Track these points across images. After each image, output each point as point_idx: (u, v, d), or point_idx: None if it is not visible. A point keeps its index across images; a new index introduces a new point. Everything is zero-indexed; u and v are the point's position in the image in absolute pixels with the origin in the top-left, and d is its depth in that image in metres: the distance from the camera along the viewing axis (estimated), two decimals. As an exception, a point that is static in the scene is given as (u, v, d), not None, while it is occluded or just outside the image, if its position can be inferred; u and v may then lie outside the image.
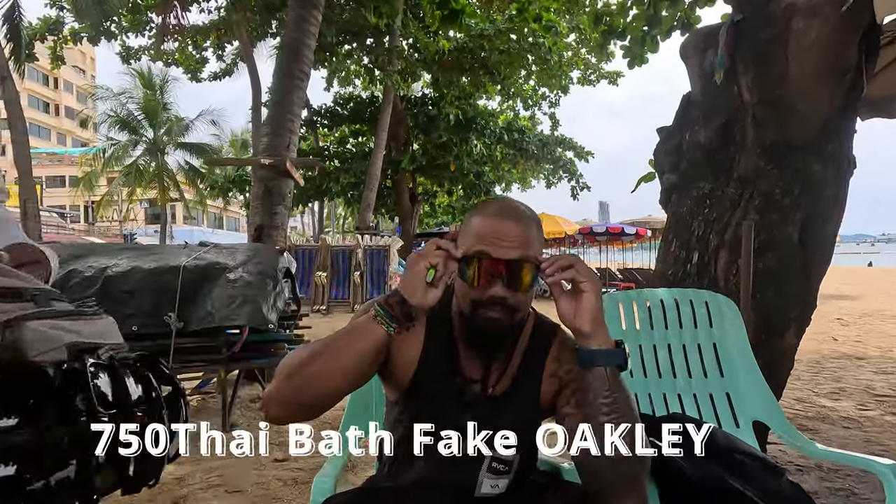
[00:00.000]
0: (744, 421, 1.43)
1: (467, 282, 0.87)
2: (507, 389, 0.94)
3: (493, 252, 0.84)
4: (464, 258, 0.85)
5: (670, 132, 2.54)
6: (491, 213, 0.89)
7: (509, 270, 0.84)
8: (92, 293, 2.74)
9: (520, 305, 0.87)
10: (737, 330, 1.53)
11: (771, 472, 1.04)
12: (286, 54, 4.25)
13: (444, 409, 0.91)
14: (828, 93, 1.98)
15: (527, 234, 0.86)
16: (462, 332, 0.93)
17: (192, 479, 2.26)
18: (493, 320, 0.86)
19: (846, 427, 2.90)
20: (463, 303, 0.90)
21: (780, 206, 2.07)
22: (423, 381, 0.92)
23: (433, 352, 0.93)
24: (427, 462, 0.92)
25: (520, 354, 0.95)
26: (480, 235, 0.86)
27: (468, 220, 0.92)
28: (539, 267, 0.85)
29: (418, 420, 0.91)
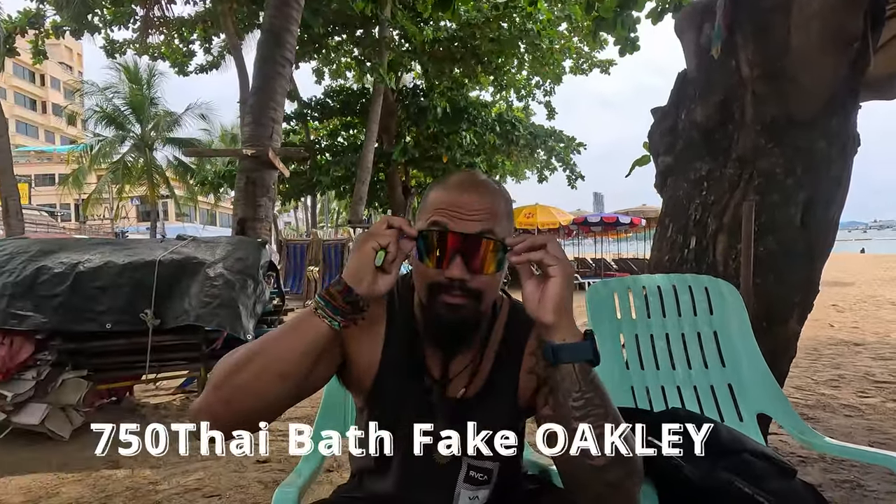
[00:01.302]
0: (748, 414, 1.33)
1: (423, 262, 0.75)
2: (481, 390, 0.82)
3: (451, 226, 0.73)
4: (420, 235, 0.74)
5: (665, 112, 2.43)
6: (451, 183, 0.79)
7: (470, 247, 0.72)
8: (62, 290, 2.61)
9: (484, 289, 0.75)
10: (739, 317, 1.43)
11: (781, 472, 0.94)
12: (267, 40, 4.09)
13: (408, 414, 0.80)
14: (832, 64, 1.87)
15: (492, 207, 0.75)
16: (424, 324, 0.82)
17: (169, 483, 2.15)
18: (453, 307, 0.74)
19: (847, 415, 2.83)
20: (420, 288, 0.78)
21: (781, 187, 1.96)
22: (385, 384, 0.82)
23: (395, 350, 0.82)
24: (396, 473, 0.82)
25: (494, 350, 0.84)
26: (438, 208, 0.75)
27: (426, 193, 0.81)
28: (506, 246, 0.74)
29: (382, 427, 0.81)
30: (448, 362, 0.82)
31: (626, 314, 1.48)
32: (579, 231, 15.35)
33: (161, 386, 3.71)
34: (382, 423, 0.82)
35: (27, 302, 2.59)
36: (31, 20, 10.66)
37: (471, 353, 0.83)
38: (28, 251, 2.77)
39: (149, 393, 3.58)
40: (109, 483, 2.16)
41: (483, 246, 0.73)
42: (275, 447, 2.47)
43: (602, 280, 1.50)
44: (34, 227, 19.58)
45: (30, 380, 2.55)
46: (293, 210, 34.59)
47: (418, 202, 20.12)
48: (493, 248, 0.73)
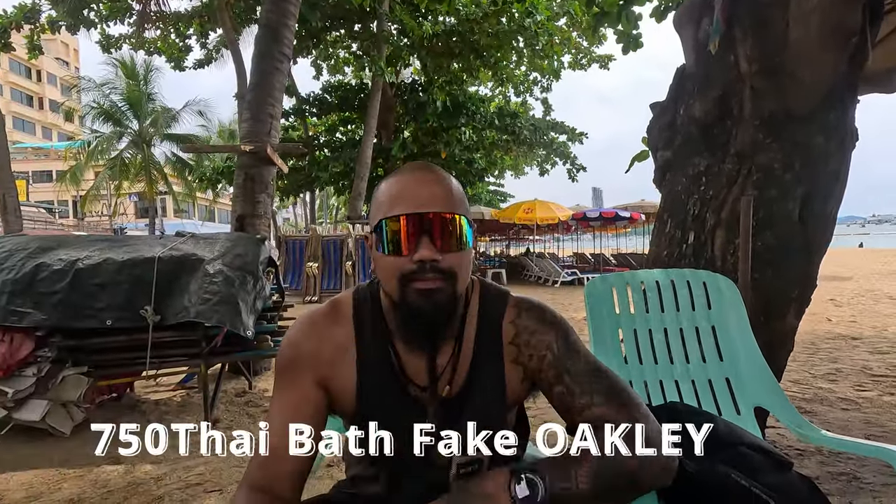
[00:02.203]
0: (745, 408, 1.34)
1: (388, 252, 0.72)
2: (462, 388, 0.80)
3: (411, 209, 0.72)
4: (378, 227, 0.74)
5: (664, 107, 2.43)
6: (402, 172, 0.78)
7: (434, 225, 0.71)
8: (61, 287, 2.61)
9: (457, 268, 0.73)
10: (737, 312, 1.44)
11: (778, 465, 0.95)
12: (264, 35, 4.07)
13: (397, 427, 0.78)
14: (831, 59, 1.87)
15: (448, 188, 0.75)
16: (398, 325, 0.78)
17: (170, 478, 2.16)
18: (428, 292, 0.71)
19: (844, 409, 2.84)
20: (390, 284, 0.74)
21: (779, 182, 1.97)
22: (368, 403, 0.79)
23: (371, 366, 0.79)
24: (388, 481, 0.82)
25: (470, 341, 0.81)
26: (393, 196, 0.74)
27: (376, 191, 0.79)
28: (470, 222, 0.75)
29: (369, 443, 0.79)
30: (432, 364, 0.79)
31: (625, 309, 1.48)
32: (578, 226, 15.36)
33: (161, 382, 3.73)
34: (372, 436, 0.80)
35: (27, 299, 2.59)
36: (27, 15, 10.58)
37: (449, 348, 0.80)
38: (27, 248, 2.77)
39: (149, 389, 3.59)
40: (111, 478, 2.18)
41: (447, 221, 0.72)
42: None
43: (601, 275, 1.51)
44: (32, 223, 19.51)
45: (30, 376, 2.56)
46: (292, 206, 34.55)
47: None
48: (458, 223, 0.73)
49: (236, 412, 3.11)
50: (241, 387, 3.62)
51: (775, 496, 0.87)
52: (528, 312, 0.82)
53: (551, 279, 12.26)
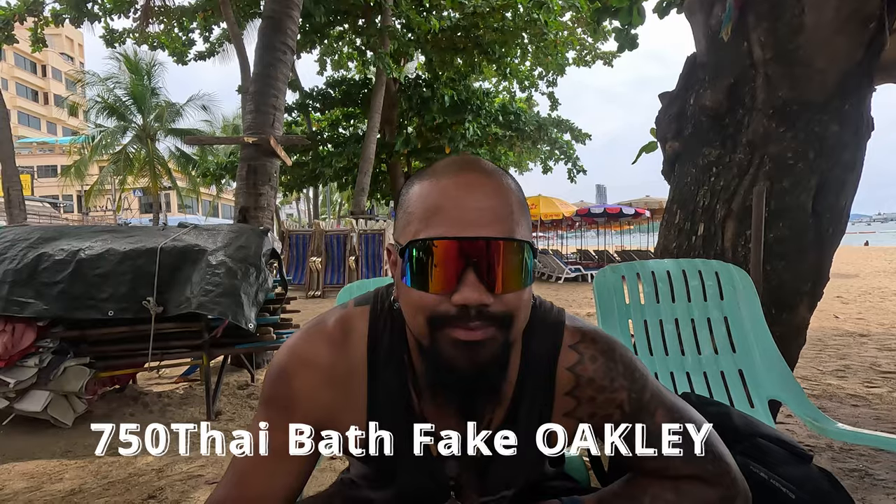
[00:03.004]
0: (759, 400, 1.31)
1: (417, 285, 0.55)
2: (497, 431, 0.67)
3: (454, 231, 0.53)
4: (408, 249, 0.55)
5: (673, 97, 2.38)
6: (443, 171, 0.58)
7: (486, 256, 0.53)
8: (63, 277, 2.59)
9: (514, 312, 0.56)
10: (750, 302, 1.40)
11: (797, 457, 0.92)
12: (267, 26, 4.04)
13: (411, 477, 0.67)
14: (847, 45, 1.82)
15: (508, 201, 0.56)
16: (426, 376, 0.62)
17: (172, 470, 2.14)
18: (472, 346, 0.54)
19: (854, 405, 2.80)
20: (417, 325, 0.57)
21: (792, 172, 1.93)
22: (376, 454, 0.65)
23: (384, 415, 0.64)
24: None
25: (511, 384, 0.65)
26: (429, 208, 0.55)
27: (407, 192, 0.60)
28: (534, 250, 0.58)
29: (375, 480, 0.71)
30: (469, 418, 0.63)
31: (635, 299, 1.45)
32: (582, 223, 15.30)
33: (164, 374, 3.72)
34: (377, 476, 0.70)
35: (28, 289, 2.57)
36: (30, 7, 10.57)
37: (493, 400, 0.64)
38: (28, 238, 2.75)
39: (152, 381, 3.58)
40: (112, 469, 2.16)
41: (504, 251, 0.54)
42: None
43: (611, 265, 1.47)
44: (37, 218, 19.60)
45: (32, 367, 2.54)
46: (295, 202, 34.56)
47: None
48: (520, 254, 0.55)
49: (238, 405, 3.10)
50: (243, 379, 3.61)
51: (794, 489, 0.84)
52: (595, 358, 0.65)
53: (555, 276, 12.21)
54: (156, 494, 1.92)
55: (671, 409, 0.69)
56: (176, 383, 3.54)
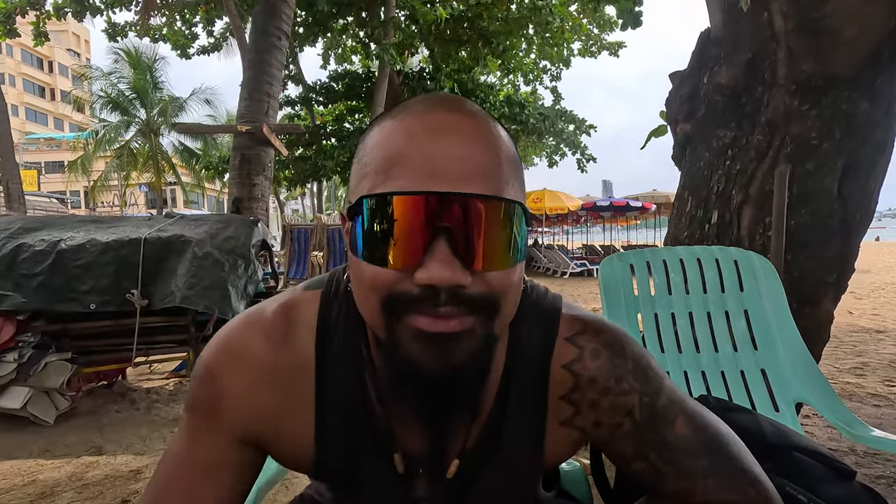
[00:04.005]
0: (784, 404, 1.16)
1: (370, 259, 0.41)
2: (479, 450, 0.52)
3: (421, 185, 0.39)
4: (359, 209, 0.42)
5: (685, 76, 2.22)
6: (414, 112, 0.43)
7: (463, 219, 0.39)
8: (42, 269, 2.49)
9: (500, 297, 0.42)
10: (773, 293, 1.26)
11: (840, 474, 0.78)
12: (262, 10, 3.91)
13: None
14: (879, 13, 1.66)
15: (495, 148, 0.43)
16: (387, 375, 0.48)
17: (150, 471, 2.03)
18: (442, 339, 0.40)
19: (876, 405, 2.65)
20: (369, 312, 0.44)
21: (816, 153, 1.77)
22: (329, 462, 0.53)
23: (336, 417, 0.51)
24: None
25: (494, 385, 0.51)
26: (391, 156, 0.41)
27: (363, 139, 0.47)
28: (526, 215, 0.43)
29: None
30: (440, 435, 0.51)
31: (645, 290, 1.30)
32: (588, 217, 15.11)
33: (156, 369, 3.62)
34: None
35: (7, 281, 2.47)
36: (31, 1, 10.50)
37: (469, 411, 0.51)
38: (8, 229, 2.65)
39: (142, 377, 3.47)
40: (89, 470, 2.05)
41: (488, 215, 0.40)
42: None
43: (618, 253, 1.33)
44: (44, 213, 19.66)
45: (11, 362, 2.44)
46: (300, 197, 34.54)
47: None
48: (510, 216, 0.41)
49: (229, 402, 2.98)
50: (236, 376, 3.50)
51: (838, 513, 0.70)
52: (598, 354, 0.51)
53: (560, 270, 12.05)
54: (129, 498, 1.81)
55: (693, 417, 0.54)
56: (167, 378, 3.44)
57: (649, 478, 0.53)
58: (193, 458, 0.51)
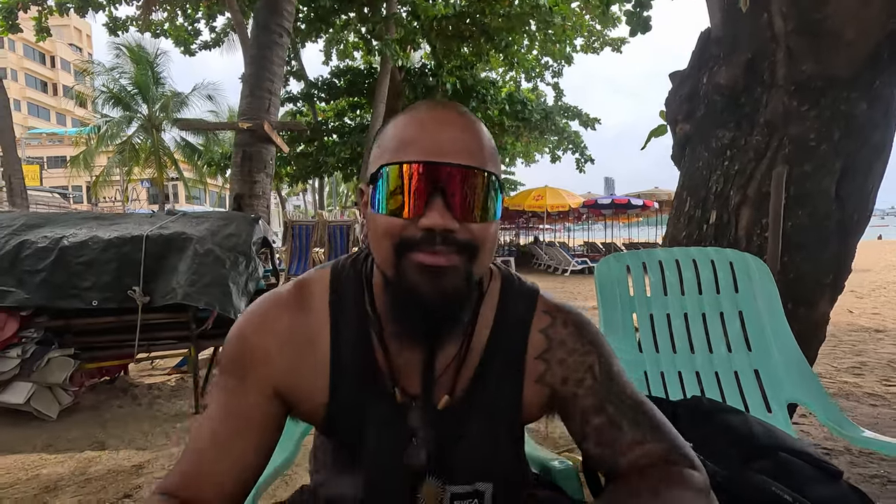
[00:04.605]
0: (777, 404, 1.18)
1: (385, 210, 0.55)
2: (464, 400, 0.63)
3: (426, 157, 0.54)
4: (377, 174, 0.56)
5: (685, 76, 2.22)
6: (417, 108, 0.59)
7: (454, 182, 0.53)
8: (45, 266, 2.50)
9: (479, 242, 0.55)
10: (768, 296, 1.27)
11: (827, 475, 0.79)
12: (263, 6, 3.91)
13: (376, 446, 0.62)
14: (879, 15, 1.66)
15: (478, 137, 0.57)
16: (389, 311, 0.60)
17: (152, 466, 2.06)
18: (437, 270, 0.53)
19: (872, 404, 2.66)
20: (382, 252, 0.56)
21: (815, 154, 1.77)
22: (340, 413, 0.62)
23: (348, 366, 0.62)
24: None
25: (481, 342, 0.63)
26: (405, 138, 0.55)
27: (382, 130, 0.61)
28: (501, 184, 0.58)
29: (345, 454, 0.65)
30: (429, 366, 0.61)
31: (641, 291, 1.32)
32: (590, 215, 15.09)
33: (158, 365, 3.65)
34: (341, 455, 0.66)
35: (10, 278, 2.49)
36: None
37: (454, 347, 0.62)
38: (11, 225, 2.66)
39: (144, 373, 3.50)
40: (91, 465, 2.08)
41: (472, 179, 0.54)
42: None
43: (615, 254, 1.34)
44: (46, 208, 19.70)
45: (14, 357, 2.46)
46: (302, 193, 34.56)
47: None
48: (486, 183, 0.55)
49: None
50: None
51: (824, 514, 0.71)
52: (567, 323, 0.65)
53: (561, 268, 12.06)
54: (132, 493, 1.83)
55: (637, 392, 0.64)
56: (168, 374, 3.47)
57: (609, 432, 0.60)
58: (228, 414, 0.59)
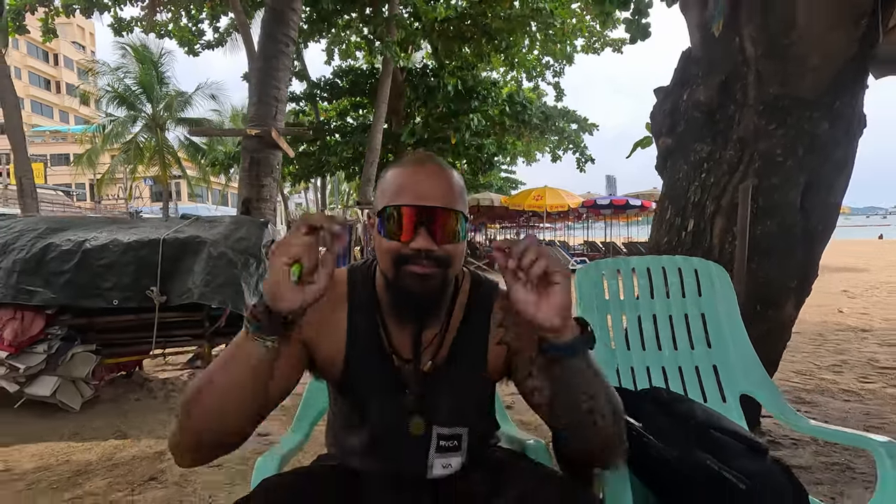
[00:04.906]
0: (731, 395, 1.34)
1: (387, 236, 0.77)
2: (445, 362, 0.85)
3: (413, 201, 0.76)
4: (382, 211, 0.78)
5: (668, 92, 2.38)
6: (409, 162, 0.82)
7: (433, 219, 0.75)
8: (69, 267, 2.68)
9: (449, 259, 0.78)
10: (727, 300, 1.43)
11: (752, 450, 0.96)
12: (270, 18, 4.06)
13: (379, 396, 0.84)
14: (840, 42, 1.82)
15: (450, 184, 0.79)
16: (389, 302, 0.84)
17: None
18: (420, 276, 0.76)
19: (846, 400, 2.82)
20: (385, 263, 0.80)
21: (781, 169, 1.93)
22: (354, 371, 0.85)
23: (360, 337, 0.85)
24: (372, 449, 0.85)
25: (457, 321, 0.87)
26: (399, 186, 0.78)
27: (383, 176, 0.83)
28: (466, 217, 0.80)
29: (354, 411, 0.87)
30: (417, 338, 0.84)
31: (615, 295, 1.48)
32: (589, 214, 15.24)
33: (170, 361, 3.82)
34: (354, 408, 0.86)
35: (37, 278, 2.66)
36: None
37: (437, 326, 0.85)
38: (36, 229, 2.84)
39: (158, 368, 3.68)
40: (117, 452, 2.25)
41: (444, 216, 0.76)
42: (276, 424, 2.54)
43: (594, 262, 1.51)
44: (50, 206, 19.91)
45: (41, 353, 2.64)
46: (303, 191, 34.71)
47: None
48: (455, 218, 0.77)
49: (240, 392, 3.18)
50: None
51: (748, 481, 0.88)
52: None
53: (560, 267, 12.19)
54: (156, 476, 2.01)
55: None
56: (181, 370, 3.64)
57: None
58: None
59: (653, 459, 0.93)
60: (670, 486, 0.94)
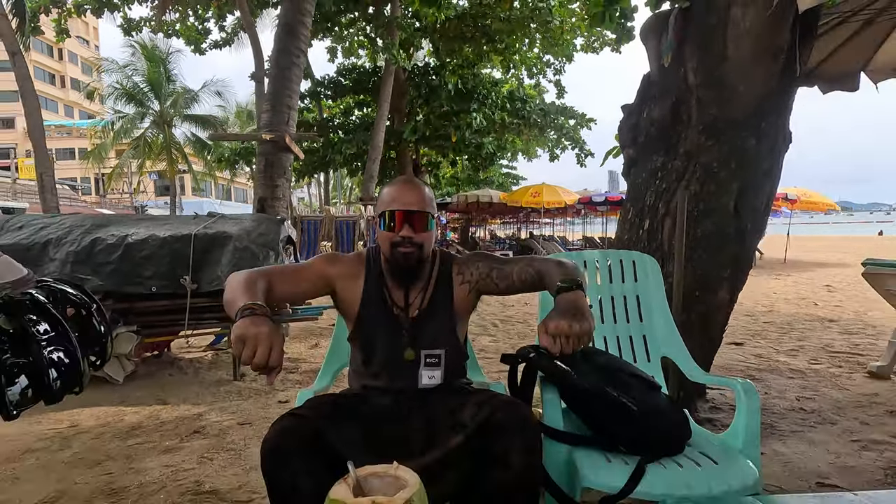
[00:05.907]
0: (654, 357, 1.74)
1: (385, 230, 1.23)
2: (427, 308, 1.28)
3: (400, 207, 1.22)
4: (382, 214, 1.25)
5: (632, 110, 2.76)
6: (396, 183, 1.29)
7: (412, 218, 1.21)
8: (114, 258, 3.09)
9: (424, 242, 1.23)
10: (657, 284, 1.82)
11: (648, 386, 1.36)
12: (282, 32, 4.44)
13: (383, 334, 1.26)
14: (763, 73, 2.20)
15: (423, 195, 1.25)
16: (388, 270, 1.29)
17: (209, 415, 2.65)
18: (406, 254, 1.22)
19: (790, 377, 3.22)
20: (384, 246, 1.25)
21: (717, 178, 2.32)
22: (365, 313, 1.29)
23: (370, 291, 1.29)
24: (379, 374, 1.26)
25: (433, 282, 1.31)
26: (392, 197, 1.24)
27: (381, 192, 1.30)
28: (433, 216, 1.26)
29: (367, 343, 1.27)
30: (407, 294, 1.28)
31: (569, 281, 1.87)
32: (586, 210, 15.59)
33: (192, 343, 4.24)
34: (366, 341, 1.27)
35: (86, 267, 3.07)
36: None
37: (420, 286, 1.29)
38: (83, 225, 3.25)
39: (183, 349, 4.10)
40: (161, 413, 2.67)
41: (420, 215, 1.22)
42: (293, 392, 2.95)
43: (563, 253, 1.90)
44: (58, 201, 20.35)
45: (90, 332, 3.05)
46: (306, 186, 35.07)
47: (429, 181, 20.38)
48: (426, 217, 1.23)
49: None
50: (262, 349, 4.11)
51: (634, 402, 1.28)
52: (465, 256, 1.38)
53: (557, 261, 12.57)
54: (199, 430, 2.43)
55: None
56: (204, 351, 4.06)
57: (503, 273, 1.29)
58: (302, 266, 1.31)
59: (575, 389, 1.33)
60: (584, 406, 1.34)
